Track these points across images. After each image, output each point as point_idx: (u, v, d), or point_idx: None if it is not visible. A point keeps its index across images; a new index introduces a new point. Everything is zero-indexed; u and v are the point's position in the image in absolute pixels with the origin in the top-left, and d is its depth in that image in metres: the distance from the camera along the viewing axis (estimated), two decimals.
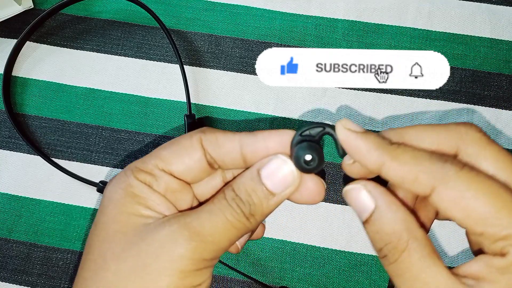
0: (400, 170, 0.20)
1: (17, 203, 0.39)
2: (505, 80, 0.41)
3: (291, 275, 0.38)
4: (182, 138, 0.23)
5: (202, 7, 0.43)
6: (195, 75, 0.41)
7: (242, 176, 0.23)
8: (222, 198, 0.22)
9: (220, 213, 0.21)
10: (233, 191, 0.22)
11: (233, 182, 0.23)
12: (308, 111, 0.41)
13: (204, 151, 0.23)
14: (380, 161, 0.20)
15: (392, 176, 0.20)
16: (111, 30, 0.42)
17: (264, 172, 0.22)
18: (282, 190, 0.22)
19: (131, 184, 0.22)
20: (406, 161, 0.20)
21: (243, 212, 0.22)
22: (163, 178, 0.22)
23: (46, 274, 0.38)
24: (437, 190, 0.19)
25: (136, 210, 0.21)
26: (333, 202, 0.39)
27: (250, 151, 0.23)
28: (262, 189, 0.22)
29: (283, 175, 0.22)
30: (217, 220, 0.21)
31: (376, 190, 0.21)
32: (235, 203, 0.22)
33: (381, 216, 0.21)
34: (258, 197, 0.22)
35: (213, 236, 0.21)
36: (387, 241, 0.20)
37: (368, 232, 0.21)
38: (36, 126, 0.40)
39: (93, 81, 0.41)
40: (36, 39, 0.42)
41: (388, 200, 0.21)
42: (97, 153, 0.40)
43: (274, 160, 0.22)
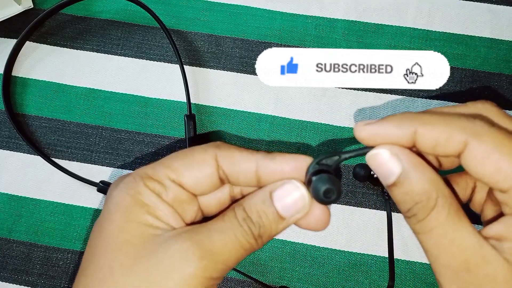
0: (434, 131, 0.20)
1: (17, 203, 0.39)
2: (505, 80, 0.41)
3: (291, 275, 0.38)
4: (196, 150, 0.23)
5: (202, 7, 0.43)
6: (195, 75, 0.41)
7: (253, 196, 0.23)
8: (233, 217, 0.22)
9: (231, 232, 0.21)
10: (244, 211, 0.22)
11: (244, 201, 0.23)
12: (308, 111, 0.41)
13: (217, 166, 0.23)
14: (412, 130, 0.21)
15: (427, 140, 0.21)
16: (111, 30, 0.42)
17: (277, 195, 0.22)
18: (291, 215, 0.22)
19: (140, 192, 0.22)
20: (438, 122, 0.21)
21: (253, 233, 0.22)
22: (173, 189, 0.22)
23: (46, 274, 0.38)
24: (470, 145, 0.20)
25: (145, 219, 0.21)
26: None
27: (265, 173, 0.23)
28: (273, 212, 0.22)
29: (294, 201, 0.22)
30: (228, 240, 0.21)
31: (402, 152, 0.21)
32: (246, 224, 0.22)
33: (409, 177, 0.21)
34: (269, 219, 0.22)
35: (223, 256, 0.21)
36: (417, 200, 0.21)
37: (396, 194, 0.22)
38: (36, 126, 0.40)
39: (93, 81, 0.41)
40: (36, 39, 0.42)
41: (415, 161, 0.21)
42: (97, 153, 0.40)
43: (288, 184, 0.22)
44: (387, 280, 0.37)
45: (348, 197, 0.39)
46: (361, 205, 0.39)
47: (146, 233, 0.21)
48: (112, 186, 0.23)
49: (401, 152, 0.21)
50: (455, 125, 0.20)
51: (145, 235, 0.21)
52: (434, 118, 0.21)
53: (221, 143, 0.23)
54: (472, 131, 0.20)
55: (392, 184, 0.22)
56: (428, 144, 0.21)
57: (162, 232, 0.21)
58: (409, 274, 0.38)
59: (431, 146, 0.21)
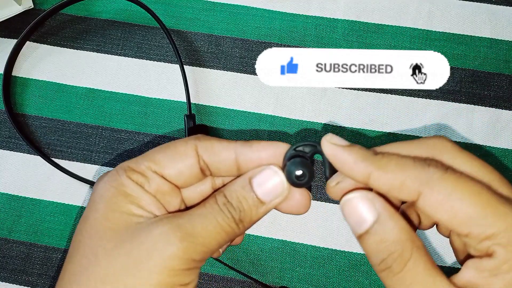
0: (387, 178, 0.20)
1: (17, 203, 0.39)
2: (505, 80, 0.41)
3: (291, 275, 0.38)
4: (177, 143, 0.24)
5: (202, 7, 0.43)
6: (195, 75, 0.41)
7: (234, 183, 0.23)
8: (214, 202, 0.23)
9: (211, 216, 0.22)
10: (224, 197, 0.23)
11: (225, 188, 0.23)
12: (308, 111, 0.41)
13: (198, 157, 0.23)
14: (367, 172, 0.21)
15: (380, 185, 0.21)
16: (111, 30, 0.42)
17: (256, 181, 0.23)
18: (271, 199, 0.23)
19: (123, 183, 0.22)
20: (392, 169, 0.20)
21: (234, 217, 0.22)
22: (155, 180, 0.23)
23: (46, 274, 0.38)
24: (423, 194, 0.20)
25: (128, 209, 0.22)
26: (333, 202, 0.39)
27: (244, 160, 0.23)
28: (252, 197, 0.23)
29: (273, 185, 0.23)
30: (209, 223, 0.22)
31: (377, 199, 0.21)
32: (226, 208, 0.22)
33: (385, 225, 0.21)
34: (248, 204, 0.23)
35: (204, 238, 0.21)
36: (392, 250, 0.20)
37: (369, 243, 0.21)
38: (36, 126, 0.40)
39: (93, 81, 0.41)
40: (36, 39, 0.42)
41: (390, 209, 0.21)
42: (97, 153, 0.40)
43: (266, 170, 0.23)
44: None
45: None
46: None
47: (129, 220, 0.22)
48: (97, 180, 0.24)
49: (376, 198, 0.21)
50: (408, 173, 0.20)
51: (128, 222, 0.22)
52: (390, 163, 0.21)
53: (201, 136, 0.24)
54: (425, 179, 0.20)
55: (365, 232, 0.21)
56: (381, 188, 0.21)
57: (144, 220, 0.22)
58: None
59: (385, 190, 0.21)
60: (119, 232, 0.21)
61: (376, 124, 0.40)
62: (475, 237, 0.19)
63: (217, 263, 0.38)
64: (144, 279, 0.20)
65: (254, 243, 0.38)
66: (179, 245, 0.21)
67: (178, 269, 0.21)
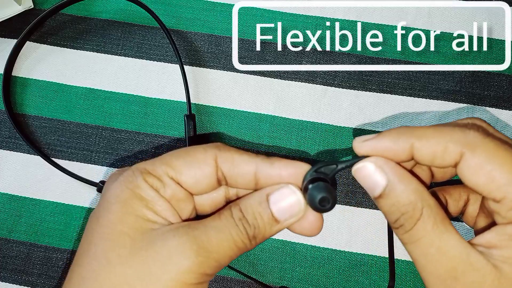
0: (430, 145, 0.21)
1: (17, 203, 0.39)
2: (505, 80, 0.41)
3: (291, 275, 0.38)
4: (196, 149, 0.23)
5: (202, 7, 0.43)
6: (195, 75, 0.41)
7: (250, 197, 0.23)
8: (230, 216, 0.22)
9: (227, 231, 0.22)
10: (240, 212, 0.22)
11: (241, 202, 0.23)
12: (308, 111, 0.41)
13: (216, 167, 0.23)
14: (409, 144, 0.21)
15: (424, 154, 0.21)
16: (111, 30, 0.42)
17: (273, 198, 0.23)
18: (286, 218, 0.23)
19: (139, 186, 0.22)
20: (433, 136, 0.21)
21: (248, 233, 0.22)
22: (171, 186, 0.22)
23: (46, 274, 0.38)
24: (465, 157, 0.20)
25: (143, 213, 0.21)
26: None
27: (263, 177, 0.23)
28: (268, 214, 0.23)
29: (290, 205, 0.23)
30: (223, 238, 0.21)
31: (387, 165, 0.22)
32: (242, 224, 0.22)
33: (395, 189, 0.22)
34: (263, 221, 0.23)
35: (218, 253, 0.21)
36: (403, 211, 0.21)
37: (383, 205, 0.22)
38: (36, 126, 0.40)
39: (93, 81, 0.41)
40: (36, 39, 0.42)
41: (400, 172, 0.22)
42: (97, 153, 0.40)
43: (285, 189, 0.23)
44: (388, 280, 0.37)
45: (348, 197, 0.39)
46: (361, 205, 0.39)
47: (144, 226, 0.21)
48: (110, 179, 0.23)
49: (386, 164, 0.22)
50: (449, 138, 0.21)
51: (143, 228, 0.21)
52: (429, 131, 0.21)
53: (221, 145, 0.24)
54: (467, 142, 0.20)
55: (379, 196, 0.22)
56: (426, 157, 0.21)
57: (159, 226, 0.21)
58: (409, 274, 0.37)
59: (429, 159, 0.21)
60: (134, 238, 0.21)
61: (376, 124, 0.40)
62: (507, 203, 0.20)
63: None
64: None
65: None
66: (194, 260, 0.20)
67: (190, 283, 0.21)
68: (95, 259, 0.21)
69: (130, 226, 0.21)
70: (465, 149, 0.20)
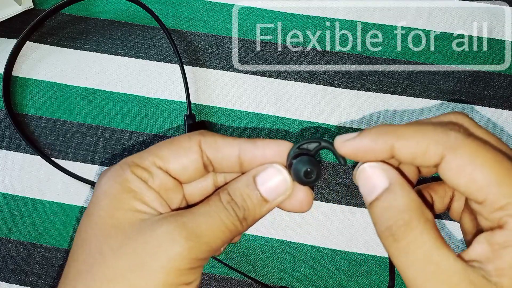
0: (410, 146, 0.21)
1: (17, 203, 0.39)
2: (505, 80, 0.41)
3: (291, 275, 0.38)
4: (181, 138, 0.24)
5: (202, 7, 0.43)
6: (195, 75, 0.41)
7: (237, 181, 0.23)
8: (218, 200, 0.23)
9: (215, 215, 0.22)
10: (228, 195, 0.23)
11: (229, 186, 0.23)
12: (308, 111, 0.41)
13: (201, 152, 0.23)
14: (389, 145, 0.21)
15: (404, 154, 0.21)
16: (111, 30, 0.42)
17: (260, 179, 0.23)
18: (274, 197, 0.23)
19: (128, 179, 0.22)
20: (413, 136, 0.21)
21: (238, 216, 0.22)
22: (159, 176, 0.23)
23: (46, 274, 0.38)
24: (446, 158, 0.20)
25: (132, 205, 0.22)
26: (333, 202, 0.39)
27: (248, 158, 0.23)
28: (256, 195, 0.23)
29: (277, 184, 0.23)
30: (213, 222, 0.22)
31: (391, 170, 0.22)
32: (231, 207, 0.22)
33: (395, 193, 0.21)
34: (253, 202, 0.23)
35: (208, 237, 0.21)
36: (397, 218, 0.21)
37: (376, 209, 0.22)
38: (36, 126, 0.40)
39: (93, 81, 0.41)
40: (36, 39, 0.42)
41: (402, 180, 0.22)
42: (97, 153, 0.40)
43: (270, 168, 0.23)
44: (387, 280, 0.37)
45: (348, 197, 0.39)
46: (361, 205, 0.39)
47: (134, 218, 0.22)
48: (101, 175, 0.24)
49: (390, 169, 0.22)
50: (430, 139, 0.20)
51: (133, 219, 0.22)
52: (410, 131, 0.21)
53: (204, 131, 0.24)
54: (448, 144, 0.20)
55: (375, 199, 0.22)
56: (407, 157, 0.21)
57: (149, 217, 0.22)
58: None
59: (410, 158, 0.21)
60: (124, 229, 0.21)
61: (376, 124, 0.40)
62: (489, 205, 0.20)
63: (217, 263, 0.37)
64: (150, 279, 0.20)
65: (254, 243, 0.38)
66: (184, 245, 0.21)
67: (183, 269, 0.21)
68: (89, 254, 0.21)
69: (120, 219, 0.21)
70: (446, 151, 0.20)
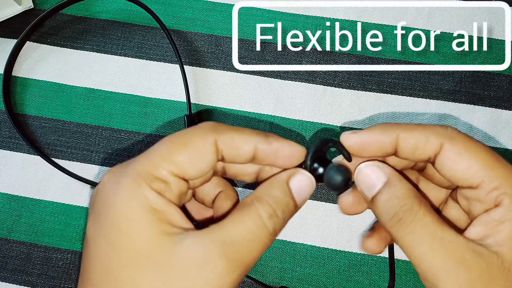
0: (414, 135, 0.23)
1: (17, 203, 0.39)
2: (505, 80, 0.41)
3: (291, 275, 0.38)
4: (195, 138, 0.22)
5: (202, 7, 0.43)
6: (195, 75, 0.41)
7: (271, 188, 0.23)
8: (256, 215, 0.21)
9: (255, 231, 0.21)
10: (269, 205, 0.22)
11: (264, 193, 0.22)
12: (308, 111, 0.41)
13: (217, 152, 0.22)
14: (395, 136, 0.23)
15: (408, 144, 0.23)
16: (111, 30, 0.42)
17: (293, 186, 0.23)
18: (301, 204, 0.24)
19: (148, 198, 0.20)
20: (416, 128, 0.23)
21: (275, 229, 0.22)
22: (176, 185, 0.22)
23: (46, 274, 0.38)
24: (445, 147, 0.22)
25: (160, 229, 0.20)
26: (333, 202, 0.39)
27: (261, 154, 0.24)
28: (293, 203, 0.23)
29: (309, 191, 0.24)
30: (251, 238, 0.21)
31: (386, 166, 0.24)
32: (272, 222, 0.21)
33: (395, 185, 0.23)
34: (289, 211, 0.23)
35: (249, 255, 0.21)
36: (402, 204, 0.22)
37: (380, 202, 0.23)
38: (36, 126, 0.40)
39: (93, 81, 0.41)
40: (36, 39, 0.42)
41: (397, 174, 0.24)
42: (97, 153, 0.40)
43: (300, 175, 0.24)
44: (387, 280, 0.37)
45: None
46: None
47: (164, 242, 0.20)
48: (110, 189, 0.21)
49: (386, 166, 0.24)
50: (431, 131, 0.23)
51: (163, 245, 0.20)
52: (413, 125, 0.24)
53: (217, 125, 0.23)
54: (446, 135, 0.23)
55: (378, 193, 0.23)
56: (409, 148, 0.23)
57: (178, 238, 0.20)
58: (409, 274, 0.37)
59: (412, 149, 0.23)
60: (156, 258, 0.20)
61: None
62: (485, 186, 0.22)
63: None
64: None
65: None
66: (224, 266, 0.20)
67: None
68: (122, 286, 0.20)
69: (148, 246, 0.20)
70: (445, 140, 0.22)
